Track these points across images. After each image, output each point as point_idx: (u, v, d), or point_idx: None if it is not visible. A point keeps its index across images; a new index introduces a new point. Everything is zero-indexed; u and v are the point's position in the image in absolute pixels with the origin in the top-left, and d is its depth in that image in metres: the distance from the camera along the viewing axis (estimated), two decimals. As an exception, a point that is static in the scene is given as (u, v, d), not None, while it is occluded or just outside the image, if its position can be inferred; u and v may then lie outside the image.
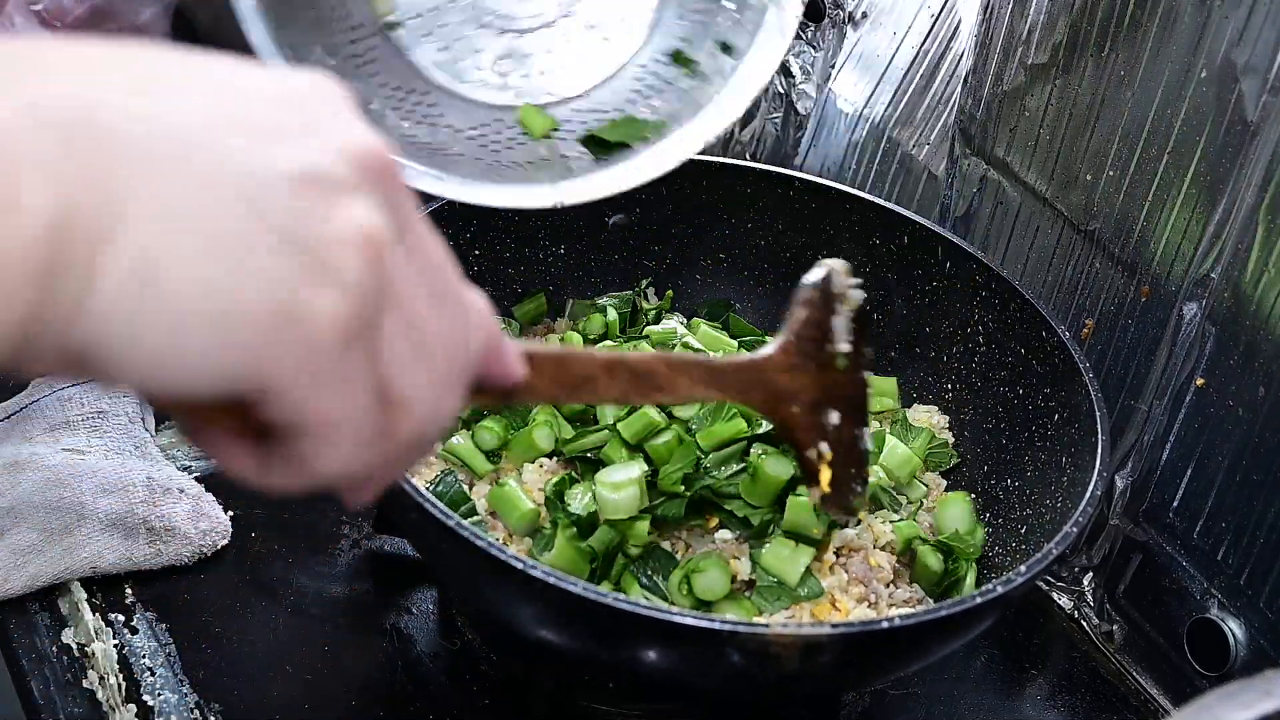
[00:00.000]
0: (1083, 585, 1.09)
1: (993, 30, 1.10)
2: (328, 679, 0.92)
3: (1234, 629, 0.95)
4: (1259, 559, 0.93)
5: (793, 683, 0.78)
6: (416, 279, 0.46)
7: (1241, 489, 0.94)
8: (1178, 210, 0.96)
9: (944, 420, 1.07)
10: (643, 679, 0.89)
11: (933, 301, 1.09)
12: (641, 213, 1.13)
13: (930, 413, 1.08)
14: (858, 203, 1.11)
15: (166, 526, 0.96)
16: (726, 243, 1.15)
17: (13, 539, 0.93)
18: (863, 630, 0.74)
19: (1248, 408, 0.92)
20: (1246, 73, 0.88)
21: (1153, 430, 1.01)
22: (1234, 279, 0.92)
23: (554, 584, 0.72)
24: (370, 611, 0.98)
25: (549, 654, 0.88)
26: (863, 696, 0.98)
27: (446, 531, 0.75)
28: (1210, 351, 0.95)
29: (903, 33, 1.29)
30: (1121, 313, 1.03)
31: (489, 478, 0.95)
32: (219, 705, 0.89)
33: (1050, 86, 1.05)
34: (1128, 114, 0.98)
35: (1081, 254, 1.06)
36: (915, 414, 1.08)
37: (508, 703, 0.93)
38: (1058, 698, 1.02)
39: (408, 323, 0.45)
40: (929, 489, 1.03)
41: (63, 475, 0.96)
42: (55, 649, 0.92)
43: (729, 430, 0.92)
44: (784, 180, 1.12)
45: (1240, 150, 0.89)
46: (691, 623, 0.71)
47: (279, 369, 0.40)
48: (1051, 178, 1.07)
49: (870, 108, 1.31)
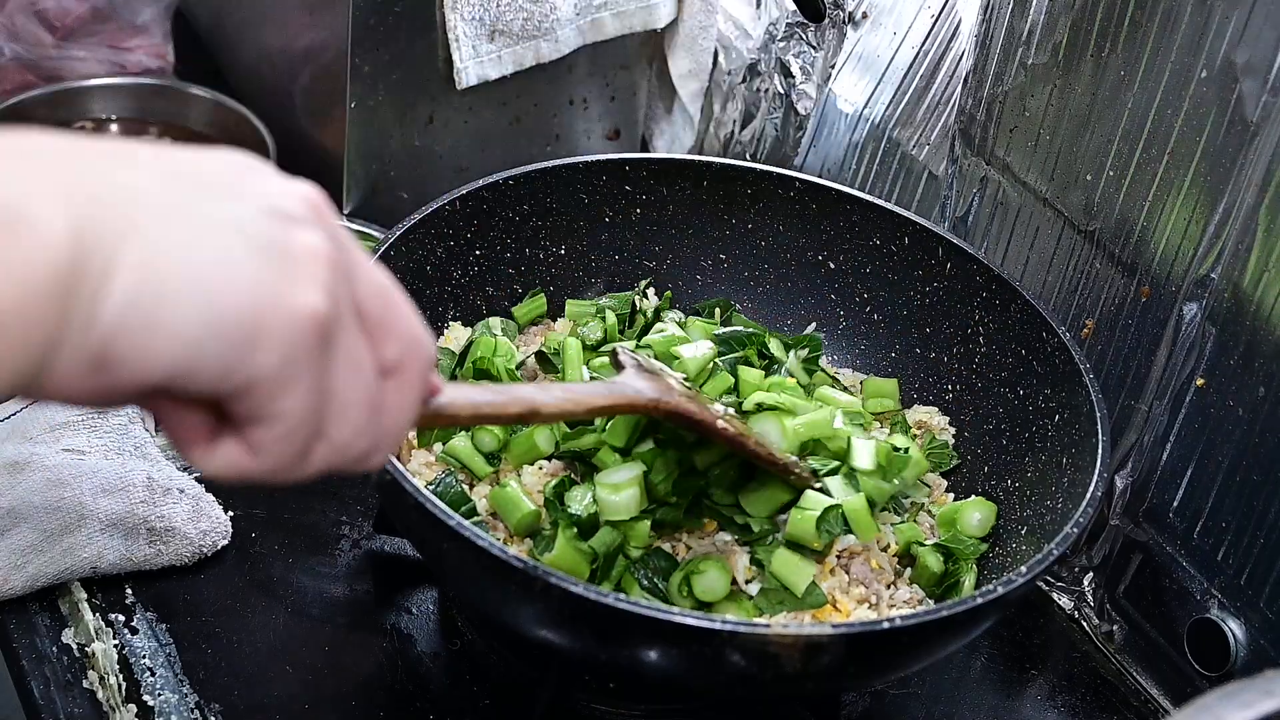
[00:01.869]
0: (1083, 585, 1.09)
1: (993, 30, 1.10)
2: (328, 679, 0.92)
3: (1234, 629, 0.95)
4: (1259, 559, 0.93)
5: (793, 683, 0.78)
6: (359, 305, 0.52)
7: (1241, 489, 0.94)
8: (1178, 210, 0.96)
9: (944, 420, 1.07)
10: (643, 679, 0.89)
11: (933, 302, 1.09)
12: (641, 213, 1.13)
13: (930, 413, 1.08)
14: (858, 203, 1.11)
15: (166, 526, 0.96)
16: (726, 243, 1.15)
17: (13, 539, 0.93)
18: (863, 630, 0.74)
19: (1248, 408, 0.92)
20: (1246, 73, 0.88)
21: (1153, 430, 1.01)
22: (1234, 279, 0.92)
23: (555, 584, 0.72)
24: (370, 611, 0.98)
25: (549, 654, 0.88)
26: (863, 696, 0.98)
27: (447, 531, 0.75)
28: (1210, 351, 0.95)
29: (903, 33, 1.28)
30: (1121, 313, 1.03)
31: (489, 479, 0.95)
32: (219, 705, 0.89)
33: (1050, 86, 1.05)
34: (1128, 114, 0.98)
35: (1081, 254, 1.06)
36: (915, 414, 1.08)
37: (508, 703, 0.93)
38: (1058, 698, 1.02)
39: (352, 343, 0.52)
40: (930, 490, 1.03)
41: (63, 475, 0.96)
42: (55, 649, 0.92)
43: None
44: (784, 180, 1.12)
45: (1240, 150, 0.89)
46: (692, 623, 0.71)
47: (266, 356, 0.47)
48: (1051, 178, 1.07)
49: (870, 108, 1.31)
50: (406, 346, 0.55)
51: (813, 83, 1.36)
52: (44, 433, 1.00)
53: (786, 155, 1.40)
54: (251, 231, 0.47)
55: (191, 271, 0.45)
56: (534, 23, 1.27)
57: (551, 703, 0.90)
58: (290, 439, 0.50)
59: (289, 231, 0.49)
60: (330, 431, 0.52)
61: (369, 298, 0.53)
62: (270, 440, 0.50)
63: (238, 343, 0.46)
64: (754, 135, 1.45)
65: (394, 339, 0.54)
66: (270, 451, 0.50)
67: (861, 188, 1.28)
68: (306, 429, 0.50)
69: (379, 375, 0.53)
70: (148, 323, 0.44)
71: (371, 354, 0.53)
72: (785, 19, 1.38)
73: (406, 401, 0.56)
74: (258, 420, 0.49)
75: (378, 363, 0.53)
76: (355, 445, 0.53)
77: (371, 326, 0.53)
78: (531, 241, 1.11)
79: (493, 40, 1.26)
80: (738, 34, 1.44)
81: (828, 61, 1.35)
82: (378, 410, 0.54)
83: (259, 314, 0.47)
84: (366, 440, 0.53)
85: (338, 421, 0.52)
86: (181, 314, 0.45)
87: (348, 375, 0.51)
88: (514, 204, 1.07)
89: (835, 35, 1.34)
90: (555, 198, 1.09)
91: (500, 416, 0.68)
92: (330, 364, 0.50)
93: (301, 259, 0.48)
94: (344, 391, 0.51)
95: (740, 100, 1.45)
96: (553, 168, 1.08)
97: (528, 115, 1.38)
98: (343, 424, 0.52)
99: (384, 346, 0.53)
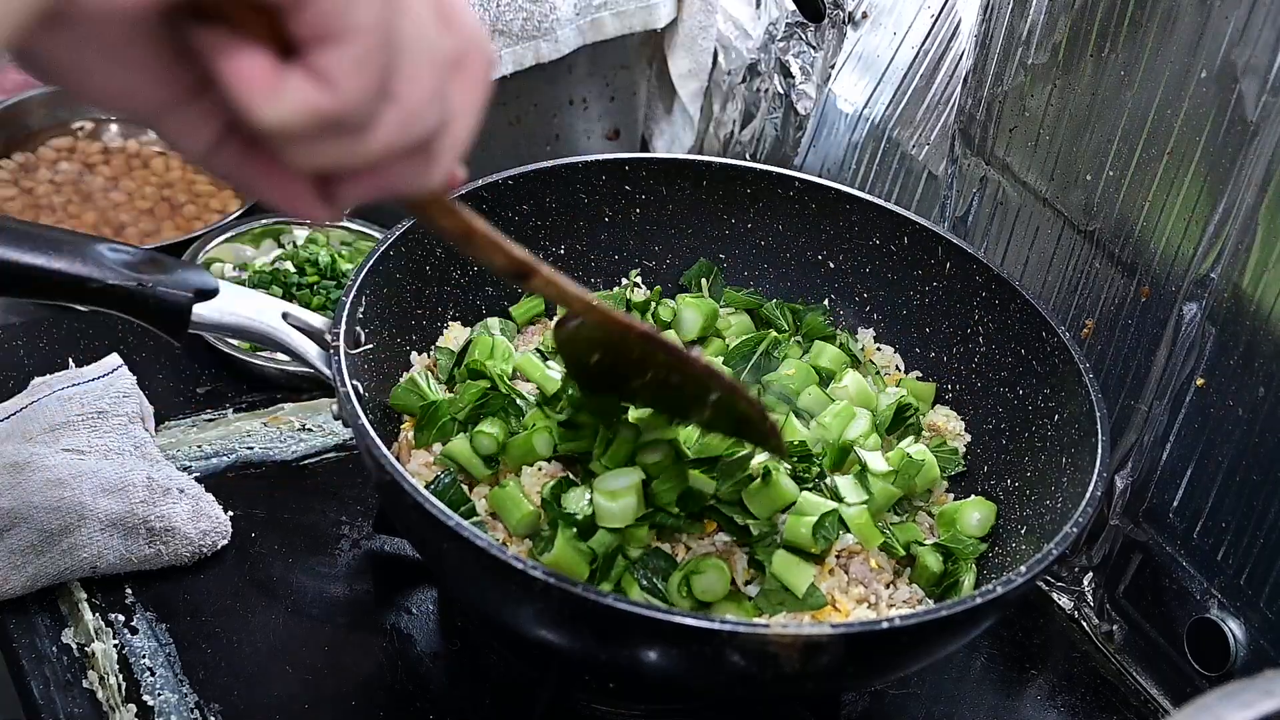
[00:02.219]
0: (1083, 585, 1.09)
1: (993, 30, 1.10)
2: (328, 679, 0.92)
3: (1234, 629, 0.95)
4: (1259, 559, 0.93)
5: (793, 683, 0.78)
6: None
7: (1241, 489, 0.94)
8: (1178, 210, 0.96)
9: (960, 425, 1.06)
10: (643, 679, 0.89)
11: (932, 301, 1.09)
12: (641, 212, 1.13)
13: (948, 417, 1.07)
14: (858, 203, 1.11)
15: (166, 526, 0.96)
16: (726, 243, 1.15)
17: (13, 539, 0.93)
18: (863, 630, 0.74)
19: (1248, 408, 0.92)
20: (1246, 73, 0.88)
21: (1153, 430, 1.01)
22: (1234, 279, 0.92)
23: (554, 585, 0.72)
24: (370, 611, 0.98)
25: (549, 654, 0.88)
26: (863, 696, 0.98)
27: (447, 532, 0.75)
28: (1210, 351, 0.95)
29: (903, 33, 1.28)
30: (1121, 313, 1.03)
31: (487, 481, 0.95)
32: (219, 705, 0.89)
33: (1050, 86, 1.05)
34: (1128, 114, 0.98)
35: (1081, 254, 1.06)
36: (935, 416, 1.07)
37: (508, 703, 0.93)
38: (1058, 698, 1.02)
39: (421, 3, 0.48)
40: (931, 491, 1.03)
41: (63, 475, 0.96)
42: (55, 649, 0.92)
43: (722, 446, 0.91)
44: (784, 180, 1.12)
45: (1240, 150, 0.89)
46: (692, 623, 0.71)
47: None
48: (1051, 178, 1.07)
49: (870, 108, 1.31)
50: (471, 40, 0.52)
51: (813, 83, 1.36)
52: (44, 433, 1.00)
53: (786, 155, 1.40)
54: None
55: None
56: (534, 23, 1.27)
57: (551, 703, 0.90)
58: (363, 65, 0.45)
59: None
60: (400, 89, 0.47)
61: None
62: (342, 65, 0.44)
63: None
64: (754, 135, 1.45)
65: (459, 29, 0.51)
66: (343, 82, 0.45)
67: (861, 188, 1.28)
68: (379, 57, 0.45)
69: (445, 62, 0.50)
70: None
71: (439, 27, 0.49)
72: (785, 19, 1.38)
73: (471, 100, 0.52)
74: (327, 37, 0.44)
75: (444, 46, 0.50)
76: (423, 119, 0.49)
77: (440, 8, 0.50)
78: (531, 241, 1.11)
79: (492, 40, 1.26)
80: (737, 34, 1.44)
81: (827, 61, 1.35)
82: (443, 91, 0.50)
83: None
84: (433, 117, 0.50)
85: (408, 75, 0.47)
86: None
87: (417, 26, 0.47)
88: (514, 204, 1.07)
89: (835, 35, 1.34)
90: (555, 198, 1.09)
91: (506, 250, 0.67)
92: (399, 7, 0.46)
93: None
94: (415, 40, 0.47)
95: (740, 100, 1.45)
96: (553, 168, 1.08)
97: (528, 115, 1.38)
98: (413, 81, 0.48)
99: (450, 32, 0.50)
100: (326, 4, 0.43)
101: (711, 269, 1.14)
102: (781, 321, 1.11)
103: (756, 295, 1.13)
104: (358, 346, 0.93)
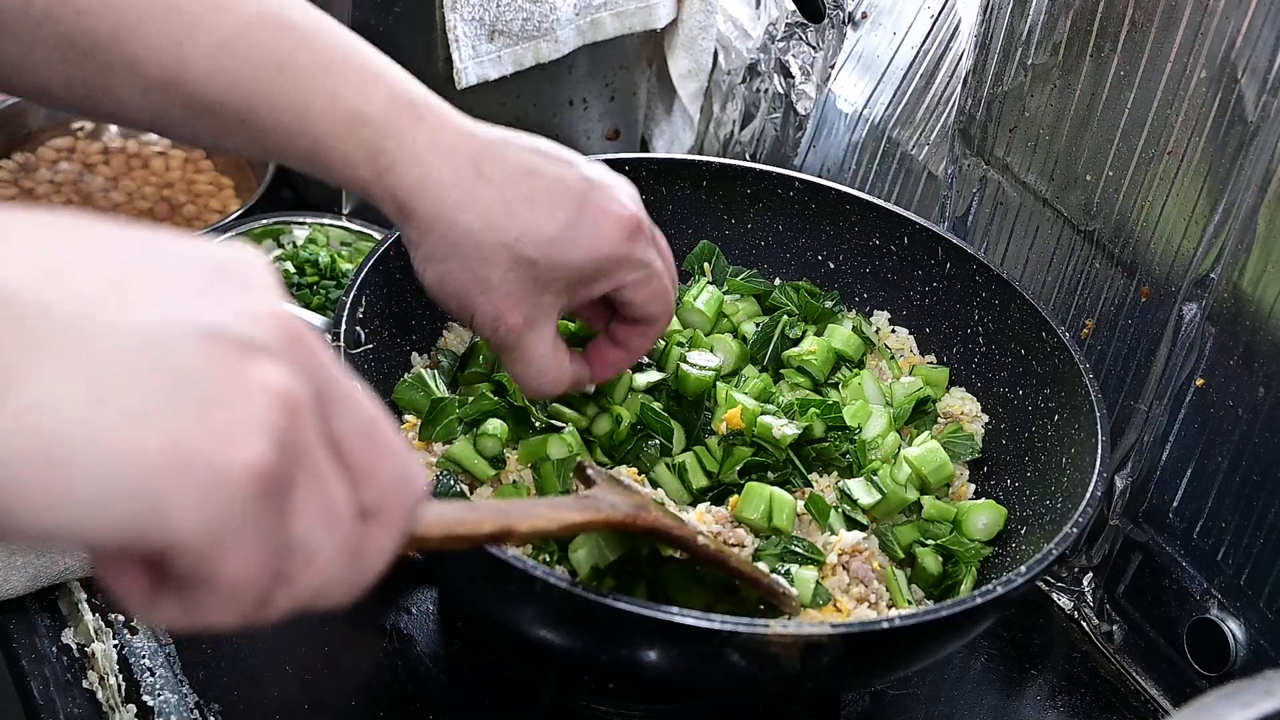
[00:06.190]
0: (1083, 585, 1.09)
1: (993, 30, 1.10)
2: (328, 679, 0.92)
3: (1234, 629, 0.95)
4: (1259, 559, 0.93)
5: (793, 683, 0.78)
6: (334, 448, 0.46)
7: (1241, 489, 0.94)
8: (1177, 210, 0.96)
9: (976, 407, 1.05)
10: (643, 679, 0.89)
11: (932, 302, 1.09)
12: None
13: (964, 401, 1.05)
14: (858, 203, 1.11)
15: (166, 527, 0.96)
16: (726, 243, 1.15)
17: (13, 539, 0.93)
18: (863, 630, 0.74)
19: (1248, 408, 0.92)
20: (1246, 73, 0.88)
21: (1153, 430, 1.01)
22: (1234, 279, 0.92)
23: (555, 584, 0.72)
24: (370, 611, 0.98)
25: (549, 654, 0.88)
26: (863, 696, 0.98)
27: (447, 532, 0.75)
28: (1210, 351, 0.95)
29: (903, 33, 1.28)
30: (1121, 313, 1.03)
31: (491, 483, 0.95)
32: (219, 705, 0.89)
33: (1050, 86, 1.05)
34: (1128, 114, 0.98)
35: (1081, 254, 1.06)
36: (950, 401, 1.05)
37: (507, 703, 0.93)
38: (1058, 698, 1.02)
39: (322, 489, 0.45)
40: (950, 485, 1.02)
41: (63, 475, 0.96)
42: (55, 649, 0.92)
43: None
44: (784, 180, 1.12)
45: (1240, 150, 0.89)
46: (692, 623, 0.71)
47: (183, 517, 0.40)
48: (1051, 178, 1.07)
49: (870, 108, 1.31)
50: (391, 487, 0.48)
51: (812, 83, 1.36)
52: (44, 433, 1.00)
53: (786, 155, 1.40)
54: (183, 364, 0.40)
55: (84, 429, 0.38)
56: (534, 23, 1.27)
57: (551, 703, 0.90)
58: (236, 603, 0.43)
59: (241, 364, 0.41)
60: (298, 579, 0.45)
61: (351, 434, 0.47)
62: (213, 604, 0.43)
63: (143, 507, 0.39)
64: (754, 135, 1.45)
65: (377, 480, 0.48)
66: (214, 614, 0.44)
67: (861, 188, 1.28)
68: (256, 589, 0.43)
69: (358, 518, 0.47)
70: (16, 478, 0.38)
71: (350, 496, 0.47)
72: (785, 19, 1.38)
73: (387, 544, 0.49)
74: (197, 584, 0.43)
75: (357, 506, 0.47)
76: (328, 593, 0.47)
77: (353, 466, 0.47)
78: (531, 241, 1.11)
79: (492, 40, 1.26)
80: (737, 34, 1.44)
81: (827, 61, 1.35)
82: (356, 555, 0.47)
83: (171, 473, 0.39)
84: (341, 587, 0.47)
85: (305, 571, 0.45)
86: (68, 474, 0.38)
87: (314, 525, 0.45)
88: (514, 204, 1.07)
89: (835, 35, 1.34)
90: (555, 198, 1.09)
91: (474, 536, 0.63)
92: (289, 516, 0.44)
93: (247, 400, 0.41)
94: (311, 541, 0.45)
95: (740, 100, 1.45)
96: (553, 168, 1.08)
97: (527, 115, 1.38)
98: (311, 573, 0.46)
99: (366, 488, 0.47)
100: (187, 561, 0.41)
101: (714, 250, 1.13)
102: (791, 305, 1.09)
103: (759, 278, 1.12)
104: (358, 346, 0.93)
